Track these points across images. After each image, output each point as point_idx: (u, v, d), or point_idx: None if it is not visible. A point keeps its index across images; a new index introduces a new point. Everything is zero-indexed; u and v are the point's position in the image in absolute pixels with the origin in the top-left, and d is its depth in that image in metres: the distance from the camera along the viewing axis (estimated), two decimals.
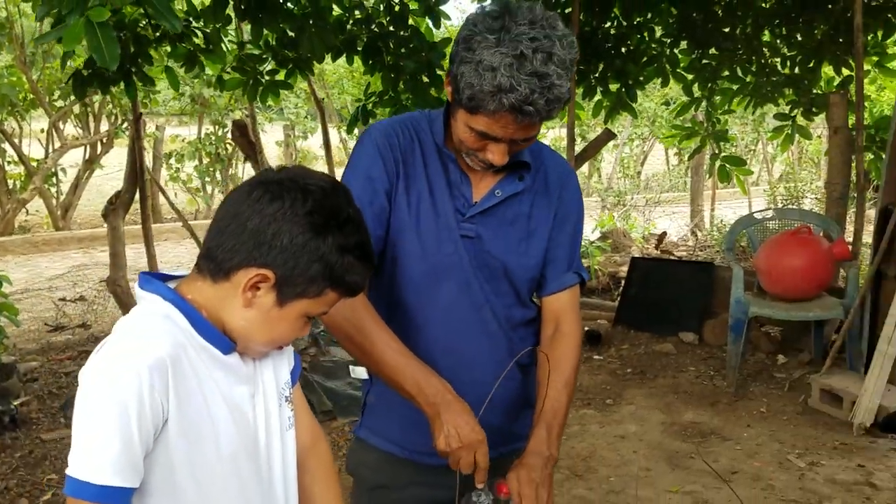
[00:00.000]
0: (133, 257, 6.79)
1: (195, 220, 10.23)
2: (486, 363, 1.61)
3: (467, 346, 1.59)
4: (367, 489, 1.72)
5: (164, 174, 11.45)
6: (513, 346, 1.66)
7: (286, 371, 1.24)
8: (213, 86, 10.32)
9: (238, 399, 1.13)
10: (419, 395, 1.44)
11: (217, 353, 1.10)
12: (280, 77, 5.01)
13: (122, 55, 3.04)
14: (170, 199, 6.72)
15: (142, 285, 1.12)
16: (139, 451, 1.01)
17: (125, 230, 5.86)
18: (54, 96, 9.43)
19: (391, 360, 1.46)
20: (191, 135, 12.06)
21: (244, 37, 5.19)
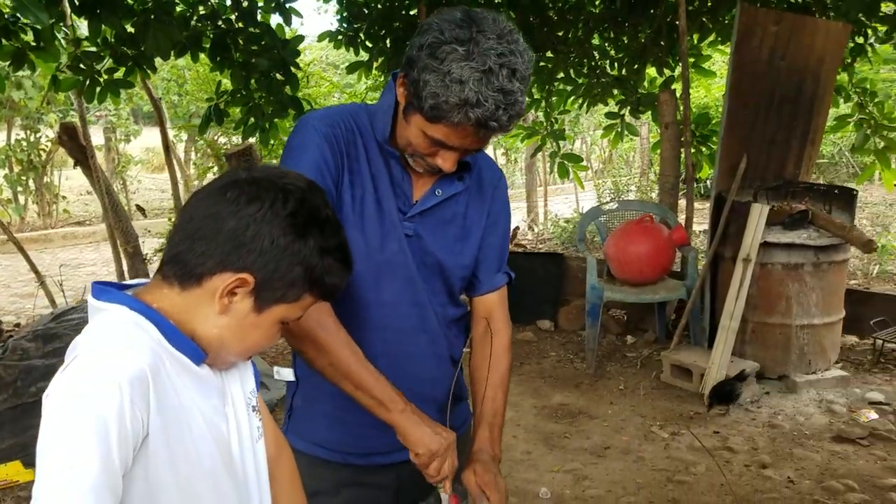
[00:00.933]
0: None
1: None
2: (426, 359, 1.62)
3: (409, 343, 1.59)
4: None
5: None
6: (449, 344, 1.68)
7: (252, 380, 1.17)
8: (21, 88, 9.43)
9: (212, 412, 1.06)
10: (391, 403, 1.42)
11: (190, 365, 1.02)
12: (119, 76, 4.66)
13: None
14: None
15: (97, 295, 1.01)
16: (118, 472, 0.91)
17: None
18: None
19: (359, 370, 1.43)
20: None
21: (80, 33, 4.77)
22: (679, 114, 5.55)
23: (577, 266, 5.90)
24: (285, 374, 1.74)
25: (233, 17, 4.81)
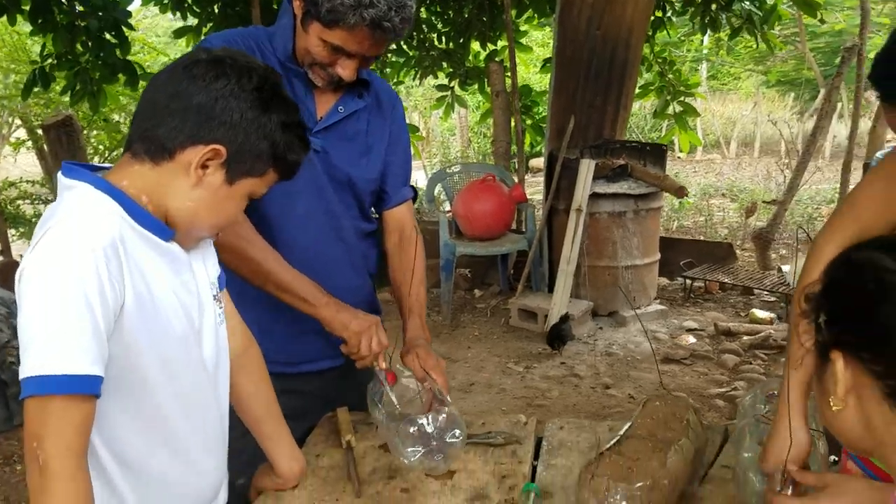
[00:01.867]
0: None
1: None
2: (344, 269, 1.74)
3: (325, 253, 1.68)
4: None
5: None
6: (364, 255, 1.80)
7: (214, 268, 1.22)
8: None
9: (181, 287, 1.10)
10: (314, 299, 1.54)
11: (157, 241, 1.06)
12: None
13: None
14: None
15: (66, 173, 1.03)
16: (104, 336, 0.95)
17: None
18: None
19: (280, 271, 1.53)
20: None
21: None
22: (507, 82, 5.93)
23: (425, 229, 6.13)
24: None
25: None
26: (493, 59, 6.65)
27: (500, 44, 7.08)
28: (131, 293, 1.00)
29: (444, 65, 7.36)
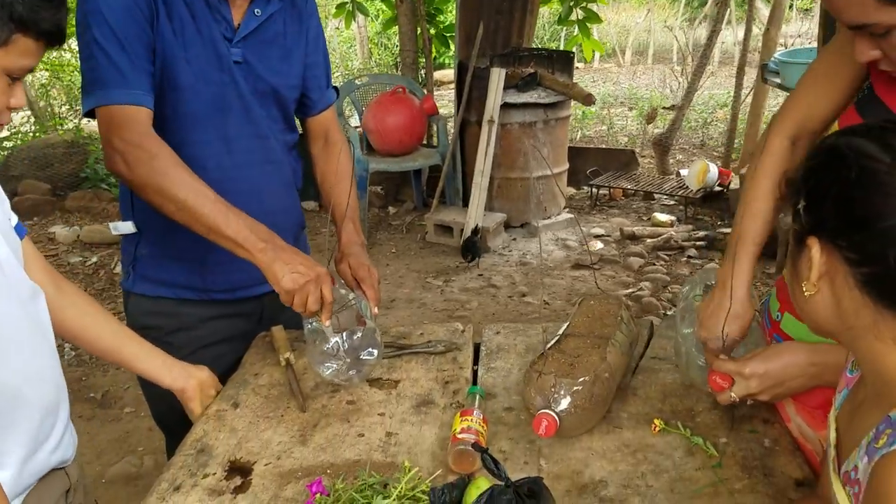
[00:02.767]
0: None
1: None
2: (275, 190, 1.68)
3: (255, 176, 1.62)
4: (163, 335, 1.65)
5: None
6: (292, 171, 1.75)
7: (4, 210, 1.14)
8: None
9: None
10: (246, 242, 1.39)
11: None
12: None
13: None
14: None
15: None
16: None
17: None
18: None
19: (210, 212, 1.38)
20: None
21: None
22: None
23: None
24: (123, 227, 1.69)
25: None
26: None
27: None
28: None
29: None
